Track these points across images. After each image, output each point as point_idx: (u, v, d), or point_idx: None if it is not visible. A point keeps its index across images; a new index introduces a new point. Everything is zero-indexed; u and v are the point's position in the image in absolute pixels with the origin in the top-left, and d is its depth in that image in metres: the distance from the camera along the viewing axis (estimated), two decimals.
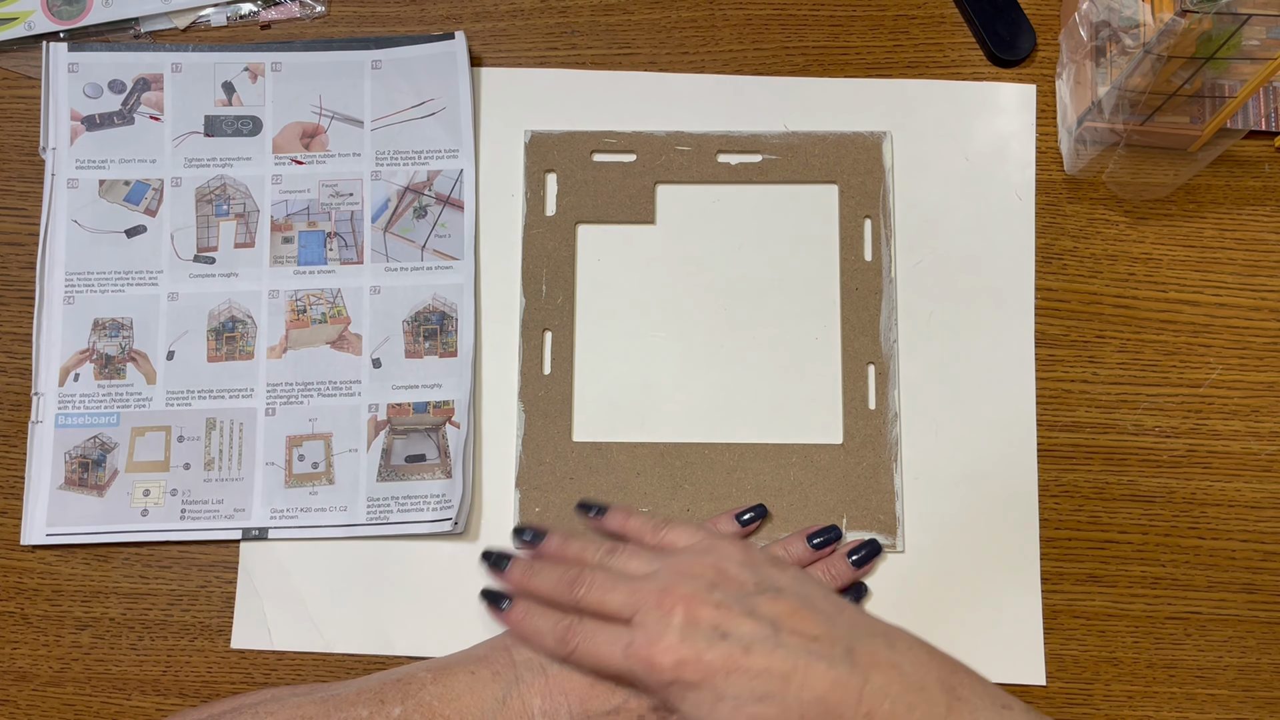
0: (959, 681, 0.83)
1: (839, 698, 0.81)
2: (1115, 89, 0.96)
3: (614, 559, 0.90)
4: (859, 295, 1.03)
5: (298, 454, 1.00)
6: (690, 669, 0.82)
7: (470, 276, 1.03)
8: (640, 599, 0.85)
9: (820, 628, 0.83)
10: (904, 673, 0.82)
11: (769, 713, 0.81)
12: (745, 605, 0.84)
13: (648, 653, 0.83)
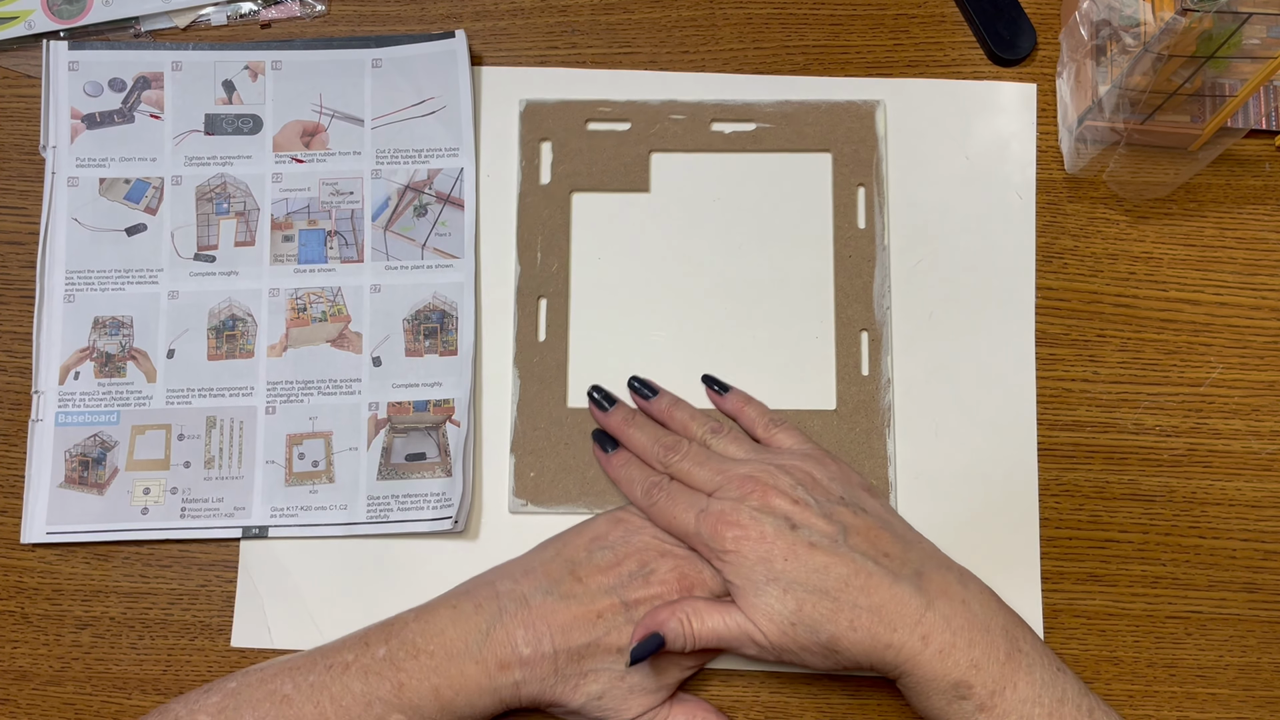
0: (1021, 635, 0.86)
1: (896, 611, 0.85)
2: (1116, 88, 0.96)
3: (716, 439, 0.95)
4: (852, 262, 1.04)
5: (298, 452, 1.00)
6: (751, 545, 0.87)
7: (470, 275, 1.03)
8: (725, 479, 0.91)
9: (894, 548, 0.88)
10: (970, 610, 0.85)
11: (819, 608, 0.86)
12: (824, 509, 0.88)
13: (717, 520, 0.89)
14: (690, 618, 0.88)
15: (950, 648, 0.84)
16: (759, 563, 0.87)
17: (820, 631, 0.86)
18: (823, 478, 0.92)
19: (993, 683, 0.84)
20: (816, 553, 0.86)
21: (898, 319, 1.03)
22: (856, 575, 0.86)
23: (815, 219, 1.05)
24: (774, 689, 0.98)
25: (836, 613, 0.85)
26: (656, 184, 1.06)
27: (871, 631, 0.85)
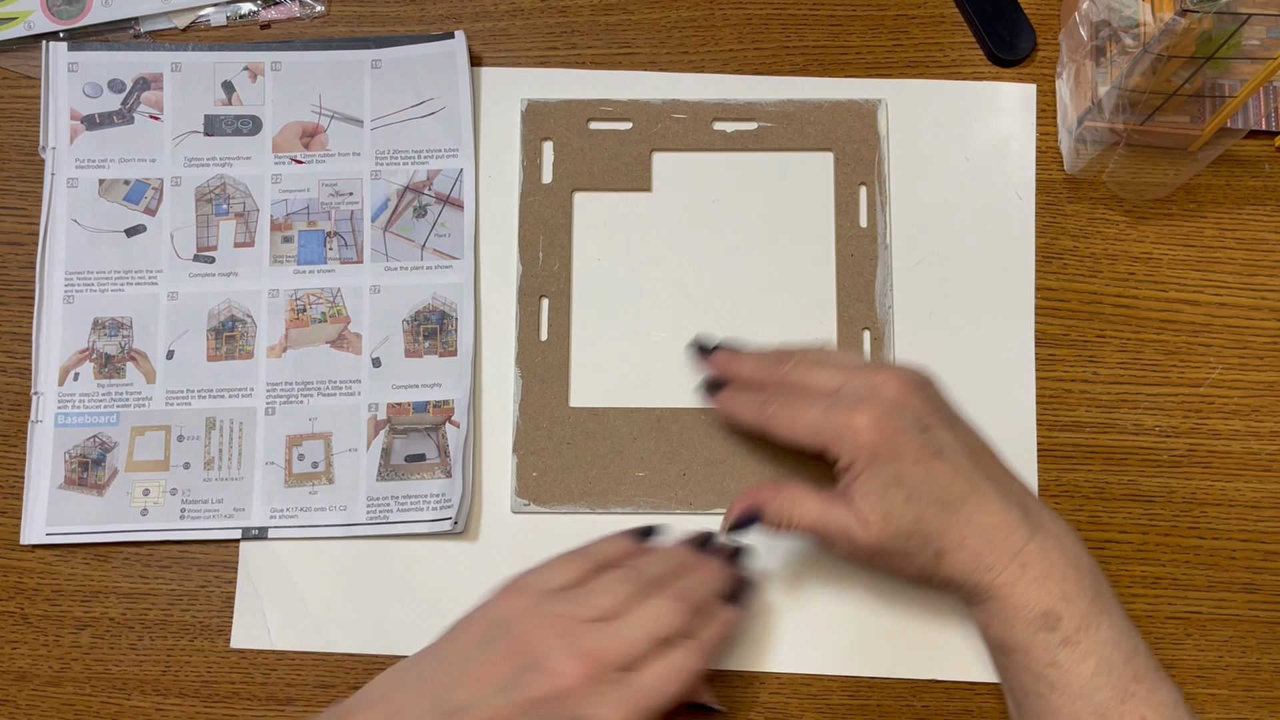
0: (1104, 581, 0.88)
1: (1003, 537, 0.86)
2: (1115, 88, 0.96)
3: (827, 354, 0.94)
4: (854, 261, 1.04)
5: (297, 453, 1.00)
6: (886, 442, 0.86)
7: (470, 276, 1.03)
8: (851, 375, 0.90)
9: (1003, 474, 0.89)
10: (1064, 546, 0.86)
11: (937, 521, 0.86)
12: (948, 420, 0.89)
13: (850, 412, 0.87)
14: (793, 503, 0.89)
15: (1045, 578, 0.86)
16: (889, 461, 0.86)
17: (931, 544, 0.87)
18: (935, 389, 0.92)
19: (1080, 618, 0.85)
20: (941, 462, 0.86)
21: (898, 319, 1.03)
22: (974, 494, 0.86)
23: (817, 218, 1.05)
24: (774, 689, 0.98)
25: (950, 528, 0.86)
26: (658, 183, 1.06)
27: (978, 552, 0.86)
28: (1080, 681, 0.84)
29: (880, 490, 0.86)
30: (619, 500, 1.00)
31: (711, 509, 1.00)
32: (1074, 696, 0.84)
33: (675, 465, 1.00)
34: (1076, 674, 0.84)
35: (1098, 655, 0.84)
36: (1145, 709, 0.84)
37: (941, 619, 0.98)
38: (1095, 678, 0.84)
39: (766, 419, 0.92)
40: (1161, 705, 0.84)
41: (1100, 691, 0.84)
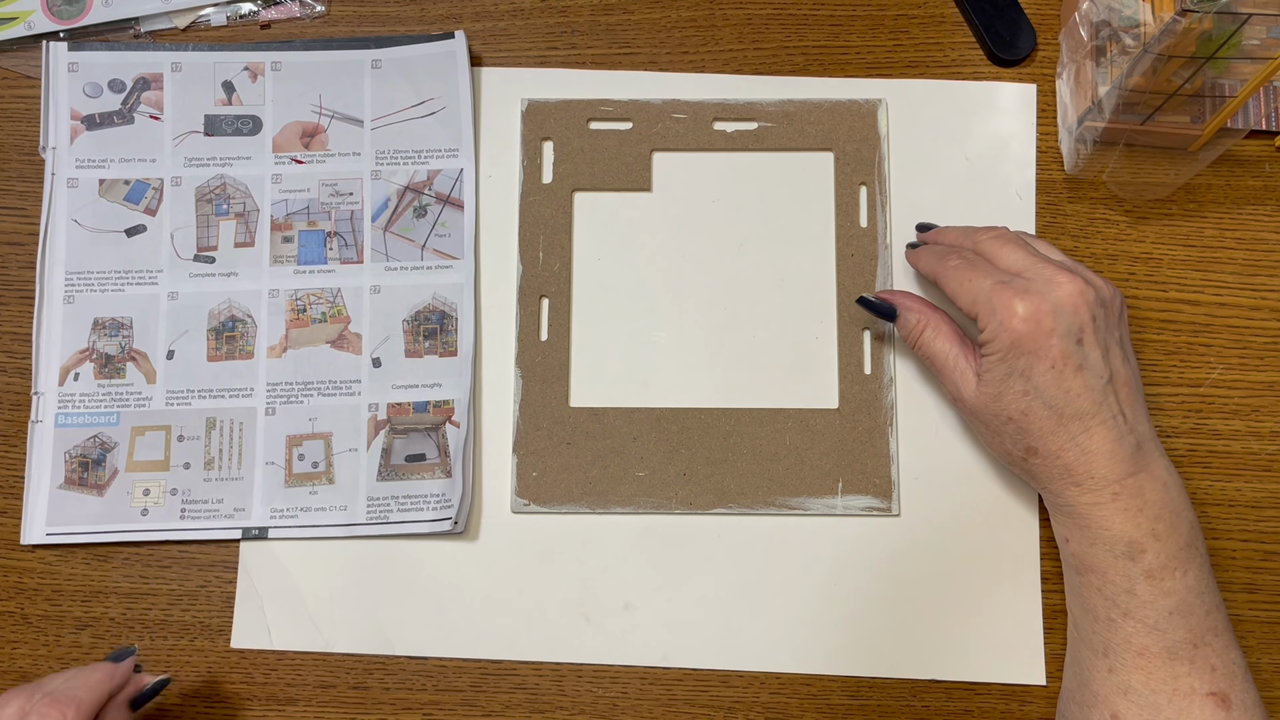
0: (1199, 540, 0.88)
1: (1103, 463, 0.87)
2: (1115, 88, 0.96)
3: (1026, 239, 0.94)
4: (855, 261, 1.04)
5: (298, 453, 1.00)
6: (1031, 338, 0.87)
7: (470, 276, 1.03)
8: (1038, 264, 0.90)
9: (1133, 412, 0.89)
10: (1169, 493, 0.87)
11: (1043, 424, 0.88)
12: (1104, 341, 0.89)
13: (1013, 296, 0.87)
14: (934, 328, 0.95)
15: (1136, 512, 0.86)
16: (1026, 355, 0.87)
17: (1025, 439, 0.90)
18: (1116, 308, 0.92)
19: (1166, 558, 0.86)
20: (1077, 377, 0.87)
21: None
22: (1093, 417, 0.87)
23: (817, 218, 1.05)
24: (774, 689, 0.98)
25: (1052, 435, 0.88)
26: (658, 183, 1.06)
27: (1069, 466, 0.88)
28: (1157, 615, 0.86)
29: (1005, 374, 0.88)
30: (619, 500, 1.00)
31: (711, 509, 1.00)
32: (1148, 628, 0.85)
33: (675, 465, 1.00)
34: (1155, 608, 0.86)
35: (1179, 597, 0.85)
36: (1215, 660, 0.85)
37: (941, 619, 0.98)
38: (1173, 616, 0.85)
39: (943, 270, 0.93)
40: (1233, 665, 0.86)
41: (1176, 631, 0.85)
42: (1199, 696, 0.84)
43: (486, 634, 0.98)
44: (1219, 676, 0.85)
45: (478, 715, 0.98)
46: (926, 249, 0.98)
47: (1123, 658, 0.87)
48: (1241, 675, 0.86)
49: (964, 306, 0.91)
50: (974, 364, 0.92)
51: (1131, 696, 0.86)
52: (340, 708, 0.98)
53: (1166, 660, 0.85)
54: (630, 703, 0.98)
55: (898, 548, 1.00)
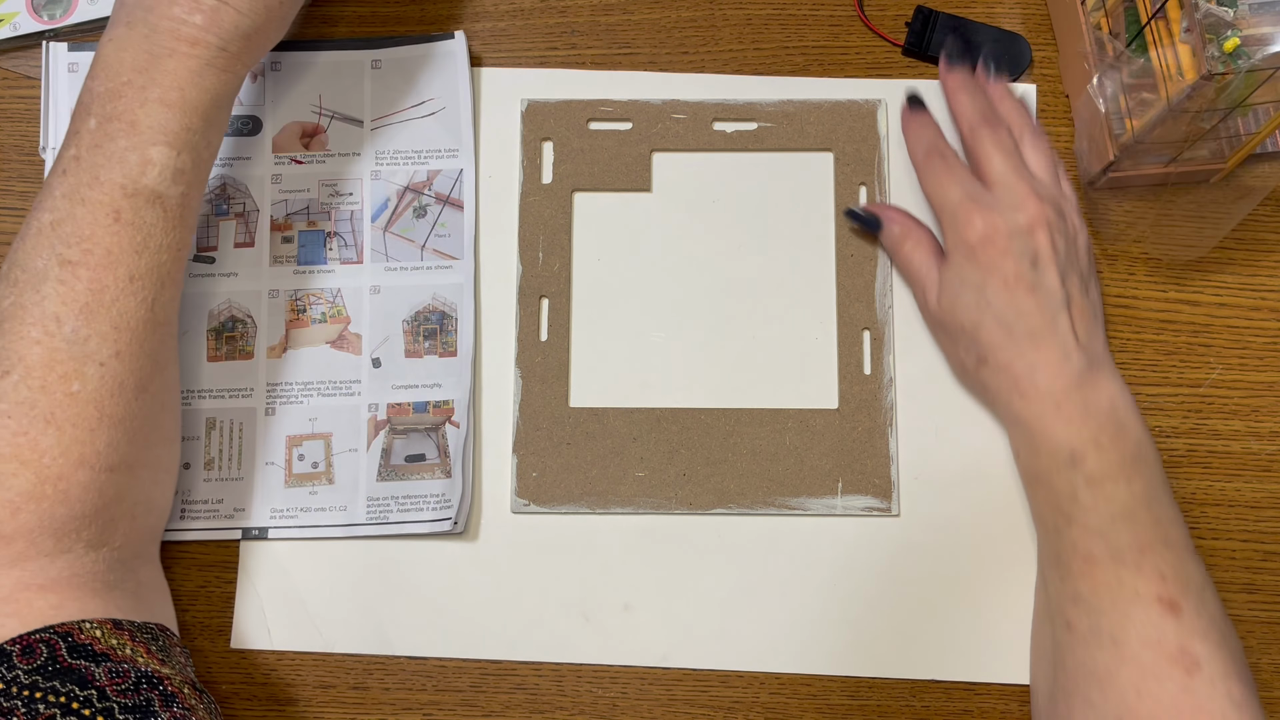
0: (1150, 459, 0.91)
1: (1048, 376, 0.91)
2: (1137, 142, 0.96)
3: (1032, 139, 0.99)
4: (854, 261, 1.04)
5: (297, 454, 1.00)
6: (985, 255, 0.92)
7: (470, 276, 1.03)
8: (1012, 184, 0.94)
9: (1088, 337, 0.93)
10: (1116, 414, 0.92)
11: (992, 336, 0.93)
12: (1063, 268, 0.93)
13: (979, 212, 0.93)
14: (914, 241, 0.99)
15: (1078, 422, 0.90)
16: (980, 270, 0.93)
17: (975, 350, 0.95)
18: (1083, 242, 0.97)
19: (1108, 466, 0.88)
20: (1029, 296, 0.91)
21: (898, 319, 1.03)
22: (1041, 334, 0.91)
23: (817, 218, 1.05)
24: (774, 689, 0.98)
25: (1000, 348, 0.93)
26: (658, 183, 1.06)
27: (1016, 377, 0.92)
28: (1100, 521, 0.88)
29: (958, 285, 0.94)
30: (619, 500, 1.00)
31: (711, 509, 1.00)
32: (1092, 533, 0.88)
33: (675, 465, 1.00)
34: (1097, 513, 0.88)
35: (1121, 504, 0.87)
36: (1165, 569, 0.86)
37: (941, 619, 0.98)
38: (1116, 522, 0.87)
39: (925, 165, 0.99)
40: (1188, 576, 0.87)
41: (1120, 536, 0.87)
42: (1144, 601, 0.86)
43: (486, 634, 0.98)
44: (1169, 584, 0.86)
45: (478, 715, 0.98)
46: (921, 127, 1.01)
47: (1071, 565, 0.89)
48: (1198, 589, 0.87)
49: (933, 207, 0.98)
50: (937, 277, 0.97)
51: (1080, 604, 0.89)
52: (340, 708, 0.98)
53: (1111, 565, 0.87)
54: (630, 703, 0.98)
55: (898, 548, 1.00)
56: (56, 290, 0.83)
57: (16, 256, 0.85)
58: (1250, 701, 0.84)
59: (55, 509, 0.82)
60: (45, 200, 0.86)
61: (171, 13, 0.86)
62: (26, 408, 0.82)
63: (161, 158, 0.86)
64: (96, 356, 0.84)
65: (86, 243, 0.84)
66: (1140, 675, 0.85)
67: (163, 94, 0.86)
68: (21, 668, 0.75)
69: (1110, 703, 0.85)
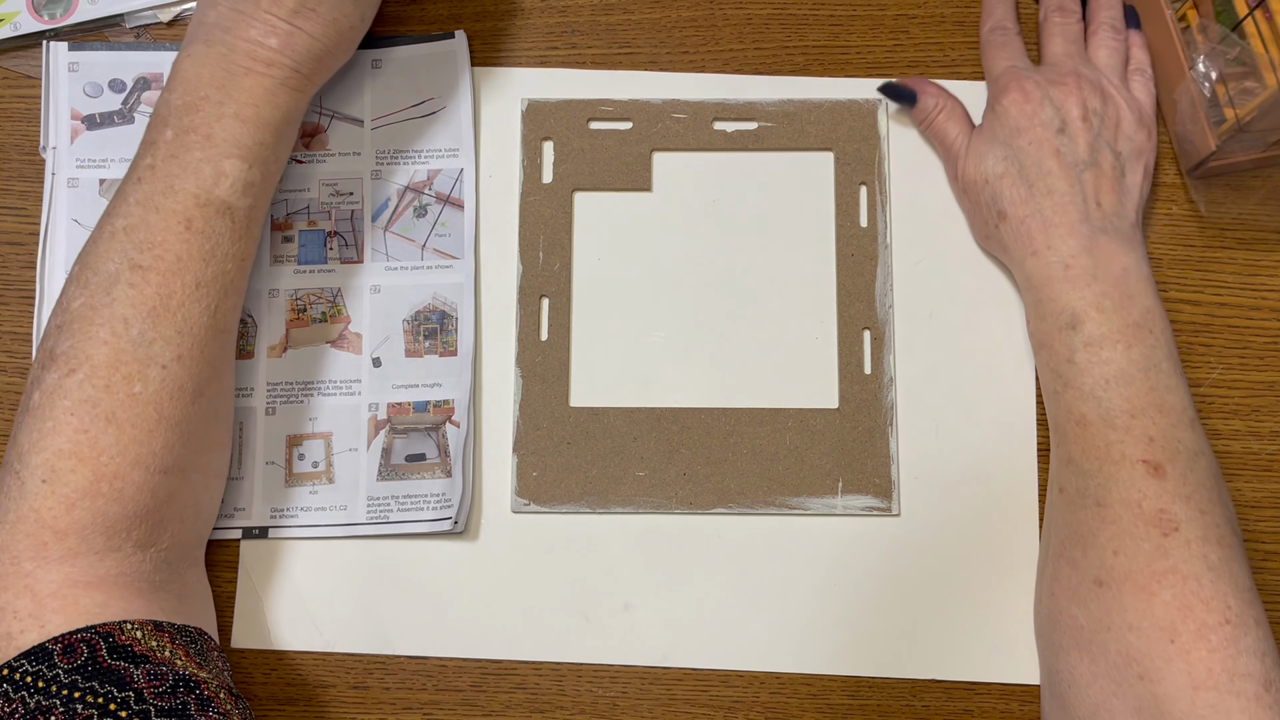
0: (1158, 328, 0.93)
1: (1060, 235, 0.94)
2: (1240, 130, 0.96)
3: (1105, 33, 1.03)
4: (855, 261, 1.04)
5: (298, 453, 1.00)
6: (1018, 116, 0.97)
7: (470, 276, 1.03)
8: (1060, 67, 1.00)
9: (1111, 206, 0.96)
10: (1126, 280, 0.93)
11: (1015, 190, 0.96)
12: (1095, 143, 0.97)
13: (1017, 80, 0.98)
14: (947, 112, 1.03)
15: (1083, 284, 0.92)
16: (1012, 130, 0.97)
17: (997, 205, 0.97)
18: (1127, 128, 0.99)
19: (1108, 330, 0.91)
20: (1056, 160, 0.95)
21: (898, 319, 1.03)
22: (1063, 195, 0.95)
23: (817, 218, 1.05)
24: (774, 689, 0.98)
25: (1020, 203, 0.96)
26: (659, 183, 1.06)
27: (1032, 235, 0.95)
28: (1093, 383, 0.91)
29: (989, 142, 0.98)
30: (619, 500, 1.00)
31: (711, 509, 1.00)
32: (1085, 395, 0.91)
33: (675, 465, 1.00)
34: (1091, 375, 0.91)
35: (1117, 367, 0.90)
36: (1155, 433, 0.88)
37: (941, 619, 0.98)
38: (1109, 385, 0.90)
39: (985, 42, 1.05)
40: (1178, 444, 0.89)
41: (1112, 400, 0.89)
42: (1129, 463, 0.88)
43: (486, 634, 0.98)
44: (1156, 447, 0.88)
45: (478, 715, 0.98)
46: (996, 3, 1.06)
47: (1065, 430, 0.92)
48: (1188, 455, 0.89)
49: (988, 70, 1.03)
50: (969, 140, 1.01)
51: (1070, 466, 0.92)
52: (340, 708, 0.98)
53: (1101, 428, 0.90)
54: (630, 703, 0.98)
55: (898, 547, 1.00)
56: (126, 293, 0.85)
57: (88, 259, 0.88)
58: (1229, 568, 0.86)
59: (109, 507, 0.83)
60: (119, 206, 0.89)
61: (249, 34, 0.90)
62: (90, 406, 0.84)
63: (234, 170, 0.89)
64: (159, 359, 0.85)
65: (158, 249, 0.87)
66: (1119, 534, 0.87)
67: (238, 110, 0.90)
68: (62, 667, 0.76)
69: (1090, 561, 0.88)
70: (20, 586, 0.81)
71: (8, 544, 0.82)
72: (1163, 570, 0.85)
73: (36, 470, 0.83)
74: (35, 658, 0.77)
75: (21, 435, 0.84)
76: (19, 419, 0.86)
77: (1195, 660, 0.83)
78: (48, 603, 0.80)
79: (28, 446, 0.83)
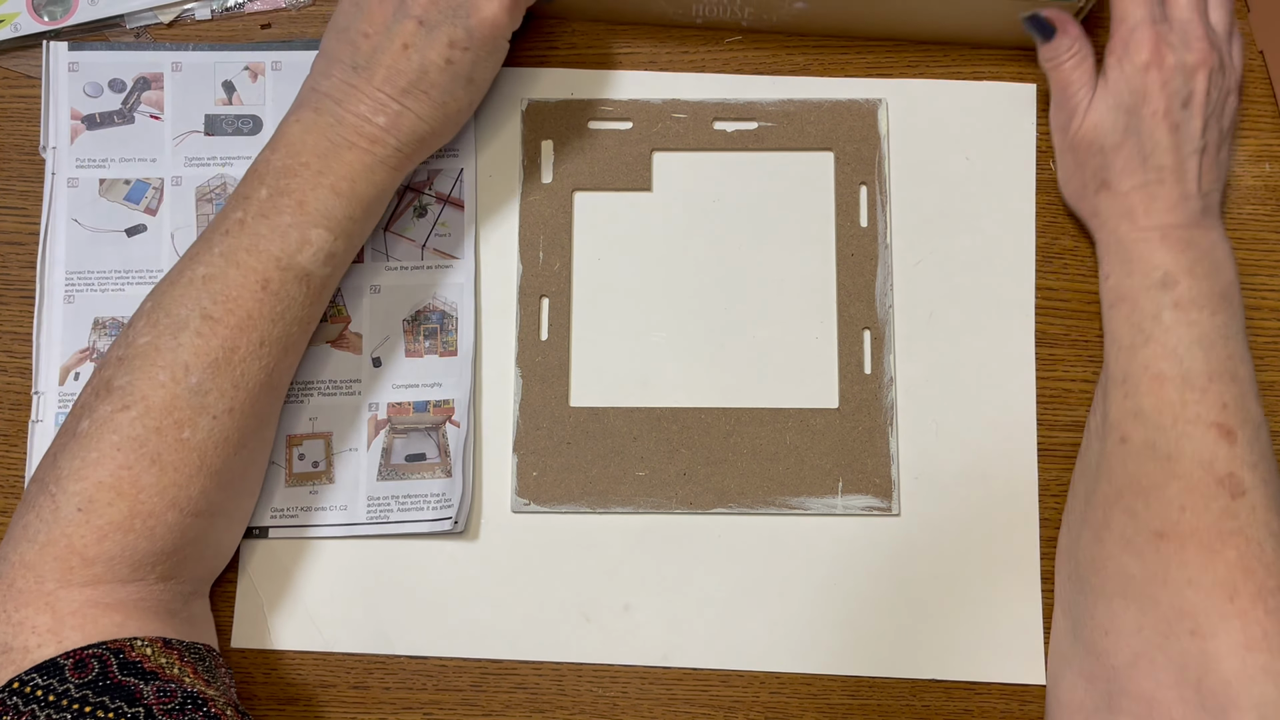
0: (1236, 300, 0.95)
1: (1162, 208, 0.95)
2: None
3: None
4: (855, 261, 1.04)
5: (298, 453, 1.00)
6: (1145, 85, 0.95)
7: (470, 276, 1.03)
8: (1192, 25, 0.96)
9: (1210, 179, 0.97)
10: (1216, 251, 0.95)
11: (1127, 159, 0.96)
12: (1208, 113, 0.96)
13: (1153, 43, 0.95)
14: (1077, 59, 0.99)
15: (1180, 251, 0.94)
16: (1136, 94, 0.95)
17: (1103, 172, 0.97)
18: (1233, 102, 0.99)
19: (1198, 294, 0.93)
20: (1171, 133, 0.94)
21: (898, 319, 1.03)
22: (1172, 172, 0.95)
23: (817, 217, 1.05)
24: (774, 689, 0.98)
25: (1128, 173, 0.96)
26: (659, 183, 1.06)
27: (1133, 208, 0.96)
28: (1176, 341, 0.92)
29: (1111, 105, 0.96)
30: (619, 500, 1.00)
31: (711, 509, 1.00)
32: (1167, 352, 0.92)
33: (675, 465, 1.00)
34: (1176, 334, 0.92)
35: (1202, 329, 0.91)
36: (1229, 399, 0.90)
37: (941, 619, 0.98)
38: (1193, 347, 0.91)
39: None
40: (1248, 411, 0.91)
41: (1194, 361, 0.91)
42: (1203, 425, 0.89)
43: (486, 634, 0.98)
44: (1229, 413, 0.90)
45: (478, 715, 0.98)
46: None
47: (1139, 383, 0.93)
48: (1255, 424, 0.90)
49: (1113, 17, 0.97)
50: (1090, 95, 0.98)
51: (1141, 419, 0.92)
52: (340, 708, 0.98)
53: (1179, 386, 0.91)
54: (630, 703, 0.98)
55: (898, 548, 1.00)
56: (193, 341, 0.86)
57: (162, 300, 0.88)
58: None
59: (139, 543, 0.84)
60: (202, 254, 0.89)
61: (359, 110, 0.91)
62: (137, 445, 0.84)
63: (320, 240, 0.90)
64: (212, 410, 0.86)
65: (231, 303, 0.87)
66: (1187, 491, 0.88)
67: (334, 182, 0.90)
68: (73, 681, 0.77)
69: (1153, 512, 0.89)
70: (41, 604, 0.81)
71: (35, 564, 0.82)
72: (1229, 531, 0.86)
73: (74, 497, 0.83)
74: (47, 672, 0.77)
75: (63, 459, 0.85)
76: (62, 441, 0.86)
77: (1252, 620, 0.84)
78: (67, 620, 0.81)
79: (68, 472, 0.84)
